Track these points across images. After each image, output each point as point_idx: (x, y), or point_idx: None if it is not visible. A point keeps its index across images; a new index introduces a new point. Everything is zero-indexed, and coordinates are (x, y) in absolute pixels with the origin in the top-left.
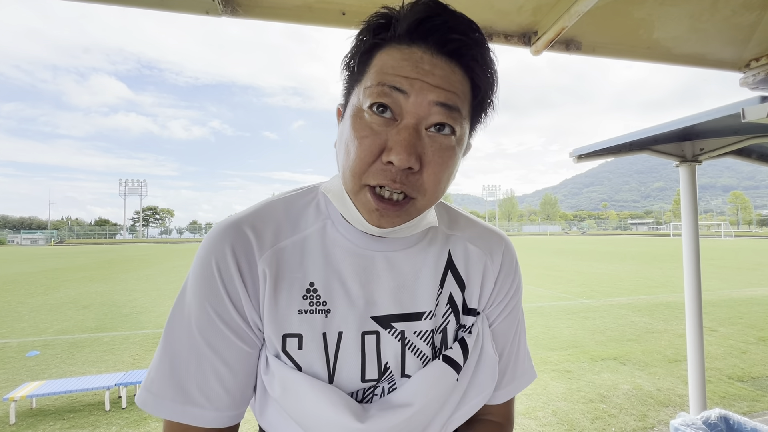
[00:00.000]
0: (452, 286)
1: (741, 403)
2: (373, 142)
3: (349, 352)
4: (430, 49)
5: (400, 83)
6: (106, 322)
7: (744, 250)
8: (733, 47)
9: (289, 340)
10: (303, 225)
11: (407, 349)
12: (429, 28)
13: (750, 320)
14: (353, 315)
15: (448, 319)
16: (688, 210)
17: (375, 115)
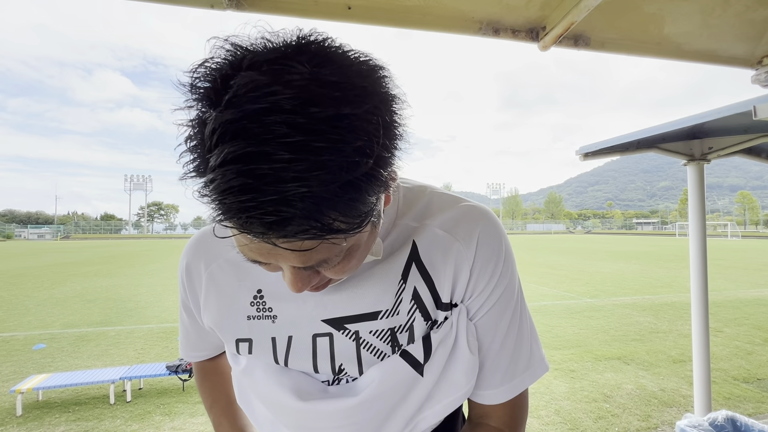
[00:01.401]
0: (417, 280)
1: (746, 405)
2: (269, 268)
3: (300, 354)
4: (252, 236)
5: (257, 258)
6: (111, 317)
7: (751, 250)
8: (746, 44)
9: (240, 344)
10: None
11: (363, 349)
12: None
13: (756, 321)
14: (302, 319)
15: (414, 316)
16: (695, 209)
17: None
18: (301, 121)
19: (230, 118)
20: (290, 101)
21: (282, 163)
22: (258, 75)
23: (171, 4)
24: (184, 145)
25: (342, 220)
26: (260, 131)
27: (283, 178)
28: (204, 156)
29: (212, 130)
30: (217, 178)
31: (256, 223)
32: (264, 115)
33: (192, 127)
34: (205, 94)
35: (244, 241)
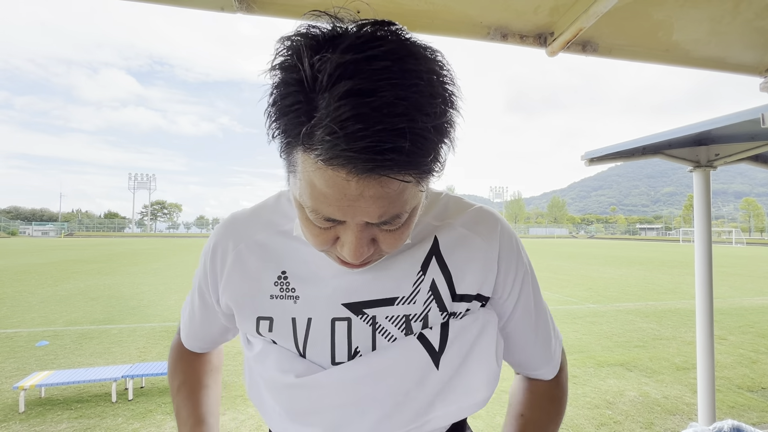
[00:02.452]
0: (435, 273)
1: (750, 414)
2: (326, 237)
3: (319, 337)
4: (355, 171)
5: (333, 214)
6: (114, 315)
7: (756, 257)
8: (754, 51)
9: (261, 322)
10: (283, 221)
11: (378, 333)
12: (358, 157)
13: (761, 329)
14: (323, 302)
15: (430, 306)
16: (701, 216)
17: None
18: (405, 67)
19: (348, 59)
20: (393, 53)
21: (394, 99)
22: (365, 34)
23: (181, 6)
24: (271, 104)
25: (431, 163)
26: (372, 72)
27: (394, 112)
28: (314, 97)
29: (331, 69)
30: (336, 111)
31: (370, 149)
32: (374, 60)
33: (295, 74)
34: (312, 43)
35: (329, 192)
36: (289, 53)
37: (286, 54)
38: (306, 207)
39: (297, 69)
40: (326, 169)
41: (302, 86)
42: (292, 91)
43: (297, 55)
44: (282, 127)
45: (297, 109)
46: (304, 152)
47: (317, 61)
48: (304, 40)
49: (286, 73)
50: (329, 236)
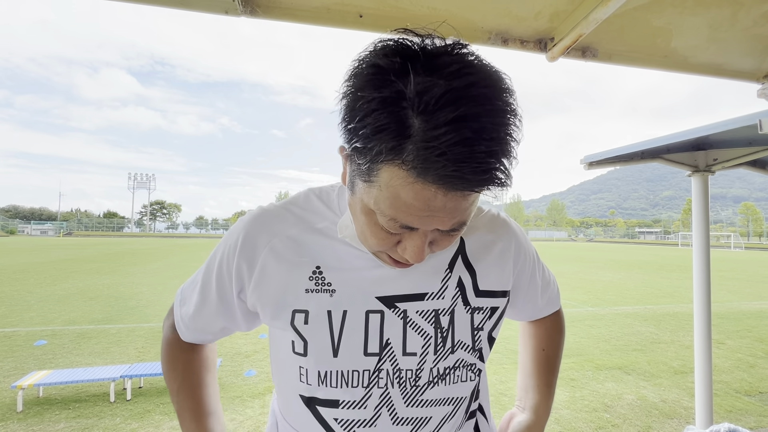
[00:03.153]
0: (461, 271)
1: (748, 418)
2: (389, 241)
3: (353, 328)
4: (448, 188)
5: (411, 223)
6: (113, 314)
7: (754, 262)
8: (752, 58)
9: (297, 315)
10: (317, 219)
11: (409, 327)
12: (457, 176)
13: (759, 334)
14: (358, 295)
15: (456, 302)
16: (699, 220)
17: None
18: (497, 95)
19: (455, 86)
20: (487, 79)
21: (490, 124)
22: (458, 58)
23: (187, 10)
24: (360, 117)
25: (509, 177)
26: (474, 98)
27: (491, 137)
28: (414, 116)
29: (439, 94)
30: (446, 135)
31: (470, 171)
32: (474, 87)
33: (394, 93)
34: (411, 63)
35: (414, 204)
36: (382, 68)
37: (378, 68)
38: (382, 214)
39: (395, 87)
40: (417, 183)
41: (400, 105)
42: (389, 109)
43: (395, 72)
44: (372, 140)
45: (394, 129)
46: (395, 166)
47: (421, 83)
48: (400, 59)
49: (379, 89)
50: (393, 240)
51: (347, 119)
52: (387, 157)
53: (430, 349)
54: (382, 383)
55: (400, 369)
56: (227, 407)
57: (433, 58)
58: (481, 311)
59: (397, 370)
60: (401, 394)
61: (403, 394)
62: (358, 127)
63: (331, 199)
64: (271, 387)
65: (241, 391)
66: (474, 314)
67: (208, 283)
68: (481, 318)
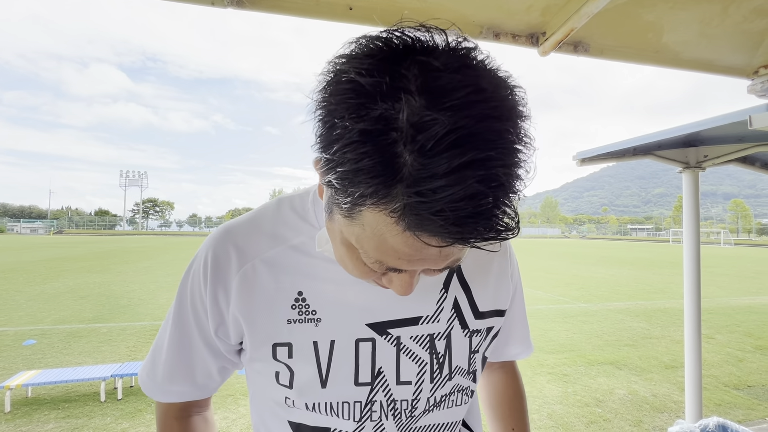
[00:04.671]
0: (457, 290)
1: (737, 411)
2: (371, 275)
3: (343, 359)
4: (445, 241)
5: (400, 266)
6: (104, 313)
7: (743, 258)
8: (743, 54)
9: (279, 348)
10: (292, 234)
11: (403, 354)
12: (456, 236)
13: (747, 329)
14: (346, 323)
15: (453, 324)
16: (690, 216)
17: None
18: (510, 128)
19: (461, 124)
20: (501, 110)
21: (500, 168)
22: (463, 78)
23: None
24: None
25: (514, 221)
26: (486, 135)
27: (499, 183)
28: (404, 153)
29: (440, 134)
30: (447, 187)
31: (476, 229)
32: (484, 121)
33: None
34: (402, 89)
35: (403, 251)
36: (363, 89)
37: (358, 88)
38: (366, 255)
39: (381, 117)
40: (407, 233)
41: (387, 141)
42: (373, 145)
43: (382, 95)
44: (349, 179)
45: (379, 170)
46: (380, 211)
47: (418, 116)
48: (390, 79)
49: (360, 116)
50: (378, 274)
51: (322, 144)
52: (370, 201)
53: (426, 377)
54: (376, 416)
55: (394, 399)
56: (220, 406)
57: (433, 78)
58: (479, 334)
59: (391, 401)
60: (395, 425)
61: (397, 425)
62: (335, 161)
63: (306, 209)
64: None
65: (234, 390)
66: (472, 337)
67: (182, 324)
68: (479, 340)
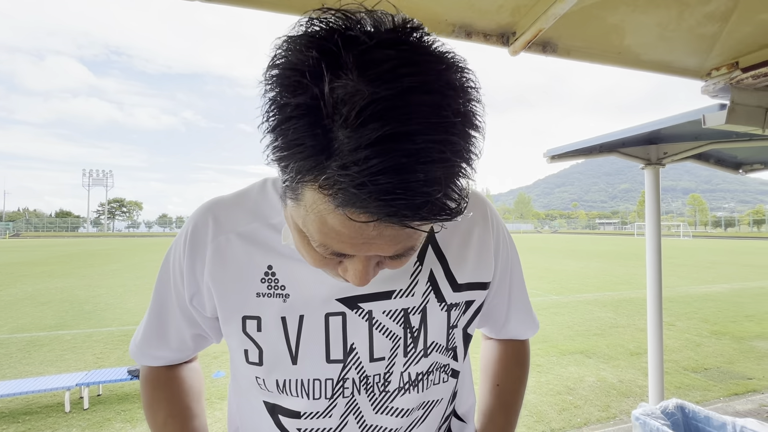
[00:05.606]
0: (433, 263)
1: (695, 393)
2: (328, 263)
3: (312, 334)
4: (379, 219)
5: (344, 250)
6: (67, 320)
7: (700, 249)
8: (697, 57)
9: (248, 321)
10: (271, 213)
11: (375, 330)
12: (386, 211)
13: (704, 315)
14: (316, 298)
15: (428, 298)
16: (651, 210)
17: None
18: (442, 102)
19: (382, 95)
20: (430, 82)
21: (431, 144)
22: (396, 53)
23: None
24: (273, 127)
25: (460, 203)
26: (407, 111)
27: (430, 159)
28: (333, 128)
29: (360, 105)
30: (367, 161)
31: (402, 204)
32: (410, 94)
33: (308, 98)
34: (329, 58)
35: (343, 232)
36: (297, 67)
37: (292, 66)
38: (312, 239)
39: (311, 92)
40: (339, 211)
41: (318, 115)
42: (305, 120)
43: (310, 72)
44: (288, 157)
45: (311, 145)
46: (314, 189)
47: (340, 88)
48: (317, 51)
49: (294, 93)
50: (332, 262)
51: (265, 121)
52: (305, 177)
53: (399, 351)
54: (348, 392)
55: (367, 375)
56: None
57: (362, 52)
58: (457, 307)
59: (363, 377)
60: (369, 400)
61: (371, 400)
62: (274, 138)
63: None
64: None
65: (209, 393)
66: (450, 311)
67: (164, 293)
68: (457, 314)
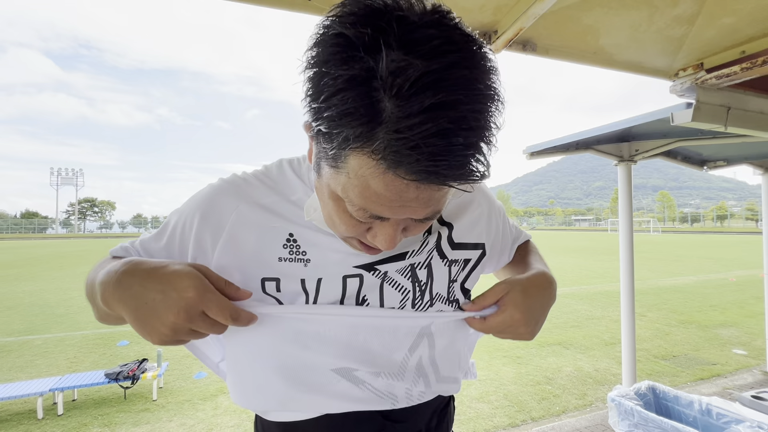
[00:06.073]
0: (440, 228)
1: (664, 379)
2: (359, 229)
3: (329, 293)
4: (422, 180)
5: (382, 213)
6: (37, 324)
7: (669, 243)
8: (665, 57)
9: (267, 283)
10: (290, 191)
11: (386, 284)
12: (431, 170)
13: (672, 306)
14: (335, 263)
15: (432, 255)
16: (624, 206)
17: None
18: (478, 77)
19: (433, 68)
20: (468, 60)
21: (470, 112)
22: (439, 32)
23: None
24: (325, 97)
25: (488, 167)
26: (453, 83)
27: (469, 126)
28: (384, 99)
29: (414, 77)
30: (421, 125)
31: (445, 165)
32: (454, 69)
33: (363, 71)
34: (382, 35)
35: (385, 194)
36: (351, 42)
37: (346, 42)
38: (351, 203)
39: (364, 65)
40: (388, 174)
41: (370, 86)
42: (357, 90)
43: (364, 46)
44: (338, 125)
45: (364, 113)
46: (364, 155)
47: (395, 62)
48: (372, 29)
49: (347, 66)
50: (363, 228)
51: (311, 96)
52: (354, 144)
53: (408, 303)
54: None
55: None
56: (176, 412)
57: (410, 30)
58: (456, 263)
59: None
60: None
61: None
62: (323, 108)
63: (302, 172)
64: (223, 388)
65: (191, 395)
66: (451, 267)
67: (163, 231)
68: (457, 270)
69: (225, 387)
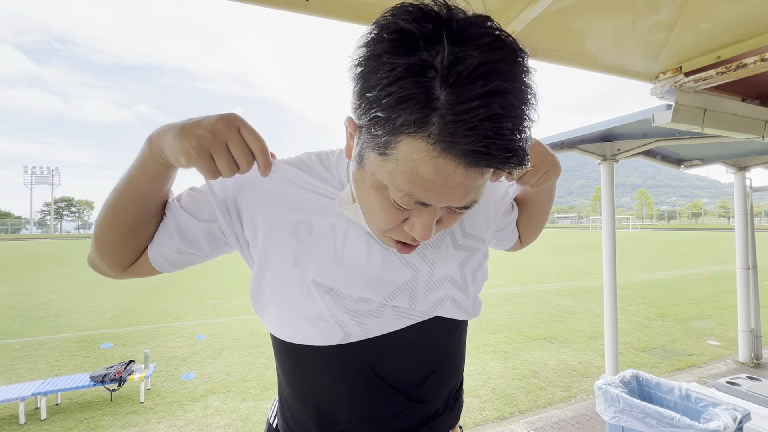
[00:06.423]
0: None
1: (644, 370)
2: (397, 219)
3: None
4: (471, 164)
5: (427, 199)
6: (14, 328)
7: (647, 240)
8: (647, 61)
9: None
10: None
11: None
12: (484, 151)
13: (651, 300)
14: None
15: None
16: (607, 204)
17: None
18: (523, 69)
19: (489, 59)
20: (514, 55)
21: (516, 101)
22: (487, 30)
23: None
24: (383, 86)
25: (527, 153)
26: (504, 73)
27: (517, 114)
28: (439, 87)
29: (472, 67)
30: (477, 109)
31: (495, 147)
32: (505, 62)
33: (421, 62)
34: (446, 33)
35: (433, 179)
36: (412, 34)
37: (407, 35)
38: (397, 189)
39: (422, 55)
40: (440, 157)
41: (427, 75)
42: (415, 78)
43: (425, 39)
44: (395, 110)
45: (421, 99)
46: (418, 139)
47: (454, 54)
48: (432, 25)
49: (406, 55)
50: (400, 217)
51: (365, 87)
52: (411, 129)
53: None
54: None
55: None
56: (165, 414)
57: (463, 28)
58: (465, 249)
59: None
60: (408, 298)
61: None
62: (380, 96)
63: (331, 164)
64: (213, 388)
65: (180, 396)
66: (459, 251)
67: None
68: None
69: (214, 387)
